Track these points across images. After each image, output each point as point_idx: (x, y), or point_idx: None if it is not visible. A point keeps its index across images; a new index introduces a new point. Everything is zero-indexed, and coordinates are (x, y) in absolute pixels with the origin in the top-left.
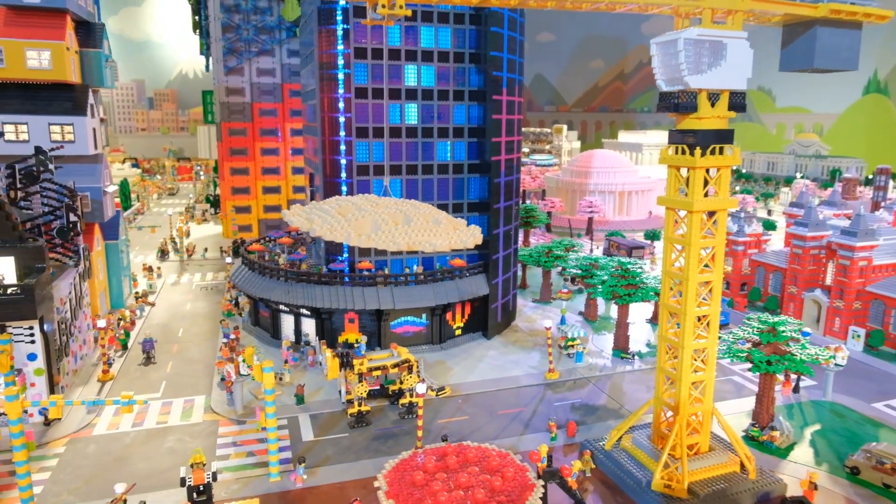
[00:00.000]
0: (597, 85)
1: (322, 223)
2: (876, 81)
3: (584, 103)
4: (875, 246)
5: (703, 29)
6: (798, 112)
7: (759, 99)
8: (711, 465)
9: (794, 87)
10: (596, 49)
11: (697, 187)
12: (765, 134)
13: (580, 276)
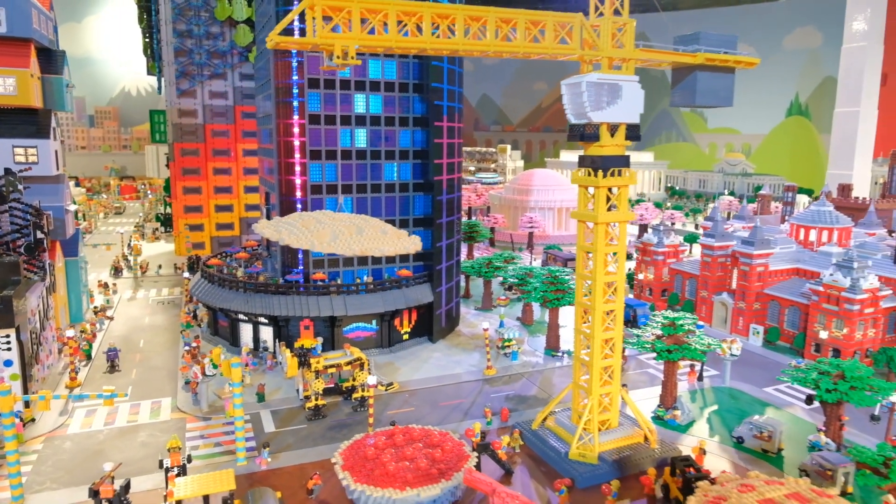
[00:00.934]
0: (540, 105)
1: (289, 234)
2: (798, 104)
3: (529, 123)
4: (770, 254)
5: (602, 74)
6: (728, 132)
7: (693, 120)
8: (619, 438)
9: (724, 109)
10: (539, 71)
11: (601, 203)
12: (698, 153)
13: (517, 284)
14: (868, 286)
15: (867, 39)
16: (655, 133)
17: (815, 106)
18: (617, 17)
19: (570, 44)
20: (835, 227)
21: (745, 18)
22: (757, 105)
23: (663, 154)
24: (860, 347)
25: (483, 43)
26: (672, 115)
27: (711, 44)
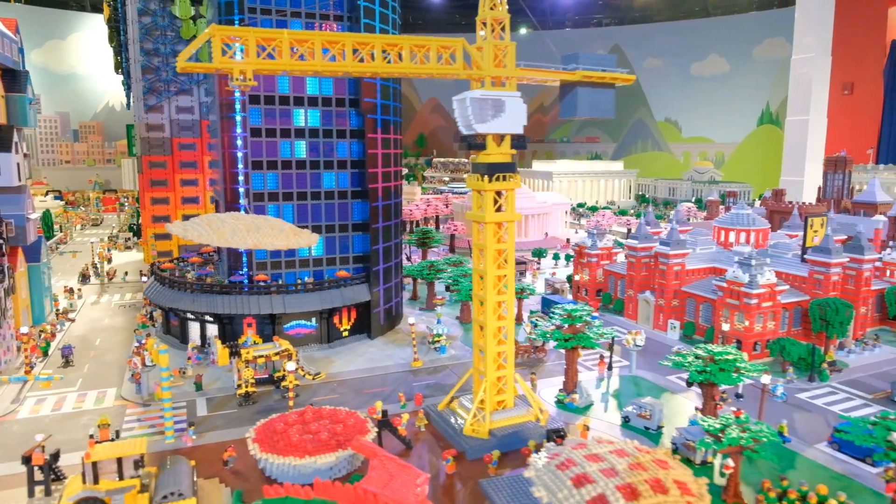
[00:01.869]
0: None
1: (193, 232)
2: (769, 113)
3: None
4: (686, 254)
5: (485, 91)
6: (702, 141)
7: (668, 130)
8: (512, 416)
9: (697, 118)
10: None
11: (489, 205)
12: (673, 161)
13: (451, 285)
14: (765, 281)
15: (815, 51)
16: (632, 142)
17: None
18: (499, 41)
19: (454, 65)
20: (752, 228)
21: (717, 30)
22: (730, 114)
23: (639, 163)
24: (760, 338)
25: (372, 65)
26: (648, 126)
27: (590, 63)
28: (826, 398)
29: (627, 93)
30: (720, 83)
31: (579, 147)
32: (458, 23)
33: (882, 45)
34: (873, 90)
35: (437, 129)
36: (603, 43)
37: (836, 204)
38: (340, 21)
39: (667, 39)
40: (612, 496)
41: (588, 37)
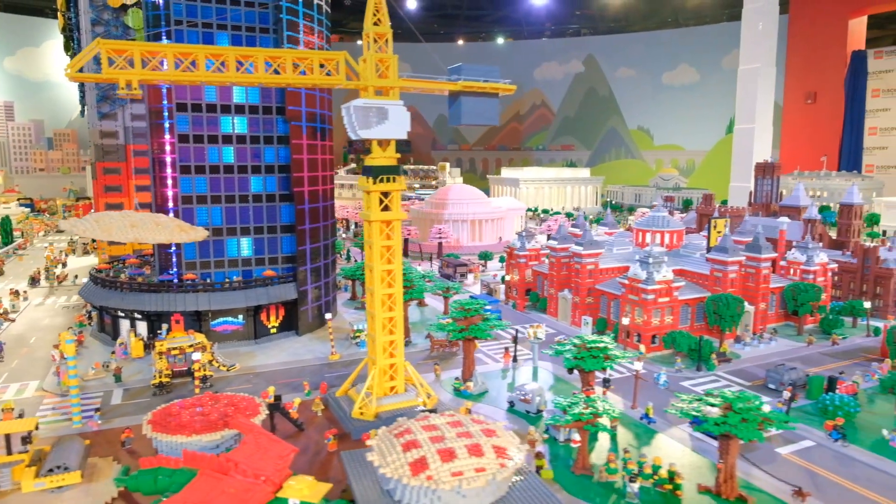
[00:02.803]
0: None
1: (83, 227)
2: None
3: (485, 142)
4: (599, 254)
5: (367, 99)
6: (673, 149)
7: (640, 137)
8: (400, 401)
9: (669, 127)
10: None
11: (374, 205)
12: (645, 168)
13: None
14: (661, 278)
15: (760, 62)
16: (605, 150)
17: None
18: (382, 54)
19: (337, 76)
20: (666, 230)
21: (687, 41)
22: (700, 123)
23: (612, 170)
24: (658, 332)
25: (255, 76)
26: (621, 134)
27: (473, 74)
28: (706, 385)
29: (601, 101)
30: (690, 92)
31: (555, 155)
32: (437, 32)
33: (843, 55)
34: (835, 100)
35: (415, 138)
36: (577, 53)
37: (766, 208)
38: (266, 34)
39: (639, 49)
40: (431, 458)
41: (562, 46)
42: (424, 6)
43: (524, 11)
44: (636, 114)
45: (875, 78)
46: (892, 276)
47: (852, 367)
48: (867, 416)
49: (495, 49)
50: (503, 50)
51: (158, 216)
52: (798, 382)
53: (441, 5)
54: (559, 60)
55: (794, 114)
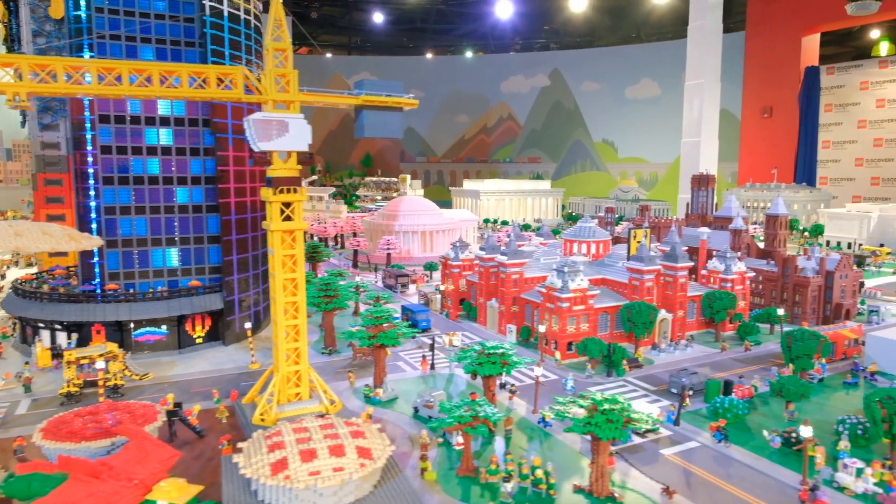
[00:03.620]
0: (463, 137)
1: None
2: None
3: (453, 154)
4: (523, 263)
5: (267, 113)
6: (638, 161)
7: (604, 150)
8: (302, 407)
9: (632, 140)
10: (461, 105)
11: (276, 215)
12: (610, 181)
13: None
14: (576, 287)
15: (704, 77)
16: (571, 162)
17: None
18: (282, 69)
19: (234, 90)
20: (592, 240)
21: (649, 55)
22: (662, 136)
23: (578, 182)
24: (574, 339)
25: (149, 89)
26: (586, 147)
27: (375, 89)
28: (611, 391)
29: (566, 114)
30: (652, 106)
31: (521, 167)
32: (406, 45)
33: (797, 71)
34: (790, 114)
35: (383, 150)
36: (543, 67)
37: (702, 219)
38: (192, 47)
39: (603, 64)
40: (292, 459)
41: (528, 60)
42: (392, 20)
43: (491, 26)
44: (601, 127)
45: (828, 93)
46: (808, 285)
47: (759, 371)
48: (757, 419)
49: (463, 63)
50: (471, 64)
51: (49, 225)
52: (697, 387)
53: (410, 19)
54: (525, 74)
55: (752, 127)
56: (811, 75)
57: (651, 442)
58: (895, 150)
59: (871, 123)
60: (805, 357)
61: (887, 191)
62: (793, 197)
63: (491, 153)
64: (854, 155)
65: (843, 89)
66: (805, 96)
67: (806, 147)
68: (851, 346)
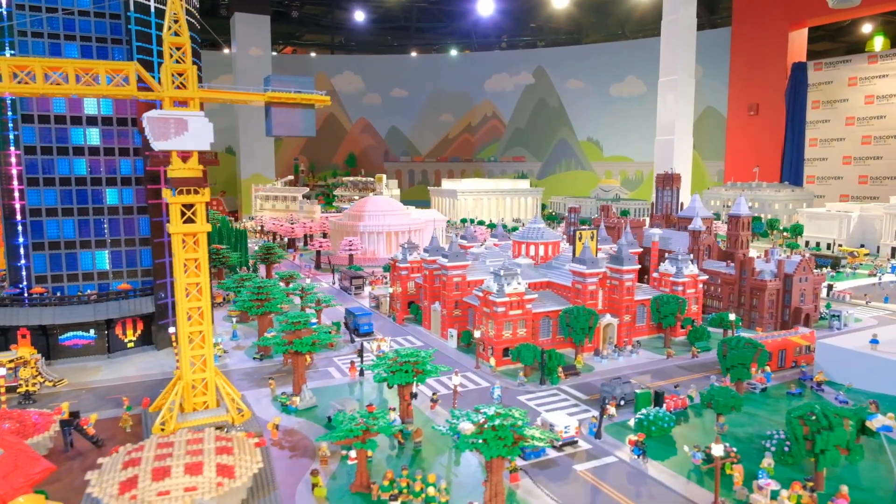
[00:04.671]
0: (447, 136)
1: None
2: None
3: (437, 153)
4: (465, 266)
5: (164, 111)
6: (622, 160)
7: (589, 149)
8: (207, 417)
9: (617, 138)
10: (445, 104)
11: (176, 217)
12: (595, 180)
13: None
14: (512, 290)
15: (678, 74)
16: (556, 161)
17: (697, 133)
18: (180, 66)
19: (127, 86)
20: (540, 241)
21: (633, 53)
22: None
23: (563, 181)
24: (510, 344)
25: (35, 87)
26: (571, 145)
27: (283, 85)
28: (541, 400)
29: (551, 113)
30: (637, 104)
31: (506, 166)
32: (391, 44)
33: (784, 67)
34: (777, 111)
35: (367, 149)
36: (527, 65)
37: (667, 219)
38: (119, 44)
39: (587, 61)
40: (143, 477)
41: (512, 58)
42: (376, 18)
43: (475, 24)
44: (585, 125)
45: (815, 90)
46: (765, 289)
47: (702, 380)
48: (686, 432)
49: (447, 61)
50: (455, 62)
51: None
52: (628, 397)
53: (394, 17)
54: (509, 72)
55: (738, 125)
56: (798, 71)
57: (567, 456)
58: (884, 147)
59: (860, 121)
60: (741, 367)
61: (875, 189)
62: (774, 196)
63: (475, 152)
64: (842, 153)
65: (830, 85)
66: (792, 93)
67: (793, 145)
68: (803, 353)
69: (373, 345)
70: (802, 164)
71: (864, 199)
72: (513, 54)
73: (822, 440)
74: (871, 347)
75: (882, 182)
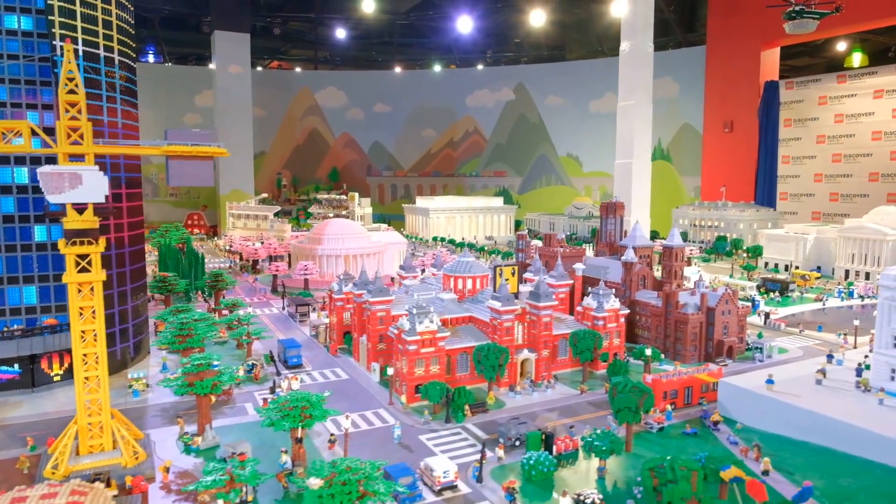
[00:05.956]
0: (429, 151)
1: None
2: (661, 149)
3: (419, 168)
4: (388, 301)
5: (57, 166)
6: (602, 176)
7: (569, 164)
8: (101, 459)
9: (596, 154)
10: (427, 119)
11: (70, 266)
12: (575, 195)
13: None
14: (424, 329)
15: (635, 99)
16: (536, 177)
17: (675, 150)
18: (75, 122)
19: (23, 143)
20: (469, 275)
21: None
22: None
23: (542, 196)
24: (422, 382)
25: None
26: (551, 161)
27: (180, 139)
28: (442, 439)
29: (531, 129)
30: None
31: (487, 181)
32: (375, 59)
33: (757, 85)
34: (750, 129)
35: (350, 164)
36: (507, 81)
37: (610, 246)
38: (48, 86)
39: (566, 78)
40: None
41: (493, 75)
42: (359, 34)
43: (456, 40)
44: (565, 141)
45: (787, 108)
46: (688, 322)
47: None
48: (569, 476)
49: (430, 77)
50: (437, 78)
51: None
52: (523, 438)
53: (378, 33)
54: (490, 88)
55: (714, 142)
56: (770, 90)
57: (444, 501)
58: (853, 165)
59: (830, 139)
60: (627, 410)
61: (846, 207)
62: (738, 216)
63: (457, 167)
64: (813, 170)
65: (802, 104)
66: (765, 111)
67: (766, 162)
68: (710, 390)
69: (283, 383)
70: (776, 182)
71: (834, 217)
72: (494, 70)
73: (668, 493)
74: (767, 387)
75: (852, 200)
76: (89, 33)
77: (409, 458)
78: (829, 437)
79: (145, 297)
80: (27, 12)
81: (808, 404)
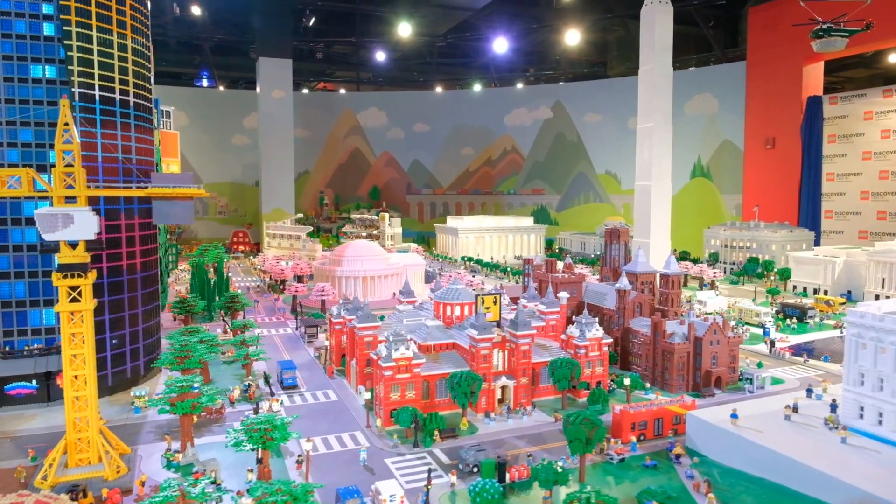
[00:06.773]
0: (468, 170)
1: None
2: (700, 166)
3: (458, 186)
4: (375, 327)
5: (53, 208)
6: None
7: (608, 182)
8: (87, 472)
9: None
10: (466, 138)
11: (63, 296)
12: (613, 212)
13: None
14: (399, 356)
15: (654, 121)
16: (574, 194)
17: (715, 167)
18: (69, 168)
19: (21, 188)
20: (457, 302)
21: None
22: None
23: (582, 214)
24: (398, 406)
25: None
26: (589, 178)
27: (161, 182)
28: (405, 465)
29: (570, 146)
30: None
31: (525, 198)
32: (417, 80)
33: (799, 101)
34: (793, 145)
35: (390, 182)
36: (545, 99)
37: (614, 272)
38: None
39: (604, 96)
40: None
41: (531, 93)
42: (400, 56)
43: (492, 60)
44: (603, 158)
45: (831, 123)
46: (674, 352)
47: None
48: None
49: (468, 96)
50: (476, 97)
51: None
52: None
53: (419, 54)
54: (528, 107)
55: (755, 159)
56: (813, 105)
57: None
58: None
59: (876, 155)
60: (577, 441)
61: (894, 226)
62: (770, 237)
63: (495, 185)
64: (859, 188)
65: (846, 119)
66: (807, 127)
67: (809, 179)
68: (682, 422)
69: (265, 404)
70: (820, 199)
71: (882, 236)
72: (532, 90)
73: None
74: (731, 422)
75: None
76: (105, 79)
77: (368, 480)
78: (784, 476)
79: (157, 319)
80: (51, 62)
81: (767, 441)
